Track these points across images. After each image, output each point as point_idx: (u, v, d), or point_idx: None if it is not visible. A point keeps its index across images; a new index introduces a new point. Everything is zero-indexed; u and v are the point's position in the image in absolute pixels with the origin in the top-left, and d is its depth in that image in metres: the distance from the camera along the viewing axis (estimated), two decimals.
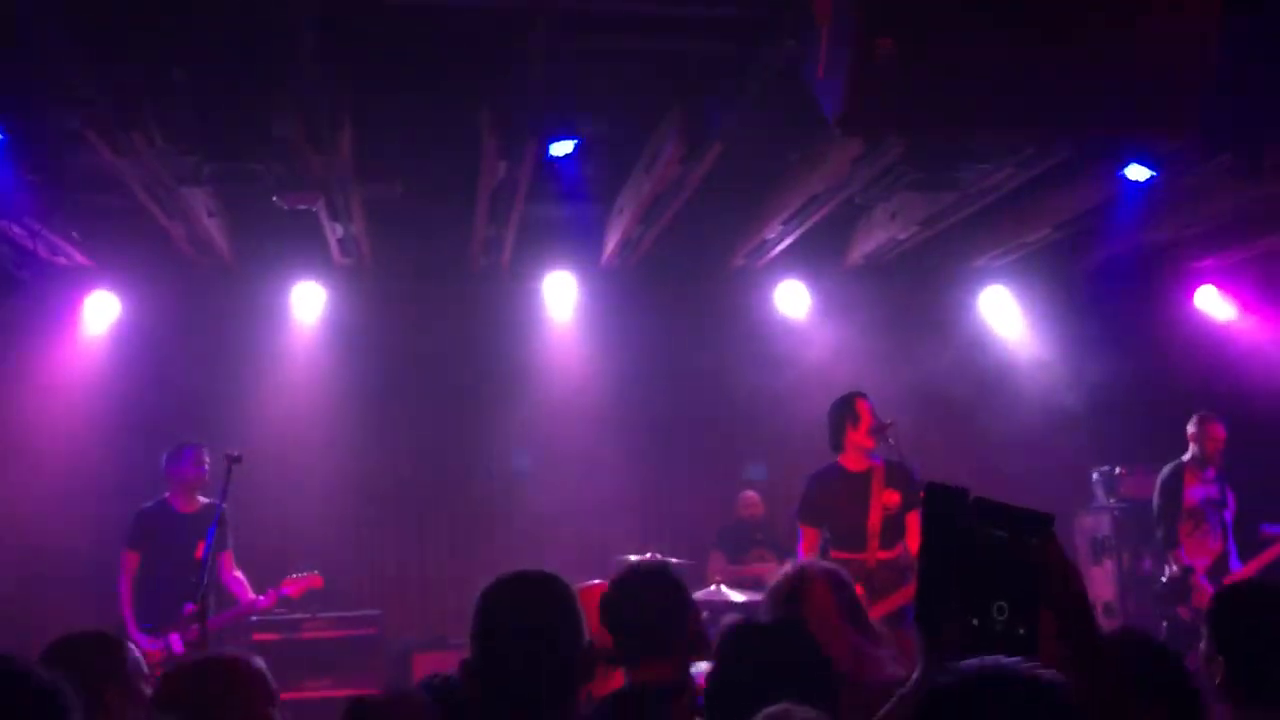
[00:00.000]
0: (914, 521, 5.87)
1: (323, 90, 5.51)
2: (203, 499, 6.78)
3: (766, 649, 2.48)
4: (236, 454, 5.86)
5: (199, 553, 5.58)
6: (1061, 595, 1.56)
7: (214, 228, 7.71)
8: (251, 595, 6.82)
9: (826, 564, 3.50)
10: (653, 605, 2.86)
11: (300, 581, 6.86)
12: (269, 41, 5.04)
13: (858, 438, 5.98)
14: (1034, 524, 1.55)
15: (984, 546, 1.53)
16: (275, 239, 8.24)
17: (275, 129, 5.58)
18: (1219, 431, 7.25)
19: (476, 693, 2.18)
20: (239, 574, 6.96)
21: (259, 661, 2.57)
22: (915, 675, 1.84)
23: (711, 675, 2.52)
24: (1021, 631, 1.50)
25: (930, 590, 1.58)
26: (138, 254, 8.24)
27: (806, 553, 5.95)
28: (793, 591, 3.06)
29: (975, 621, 1.51)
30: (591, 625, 2.91)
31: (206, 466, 6.73)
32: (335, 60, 5.36)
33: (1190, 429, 7.34)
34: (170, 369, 8.44)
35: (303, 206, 6.64)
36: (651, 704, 2.48)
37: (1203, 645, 2.83)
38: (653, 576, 3.01)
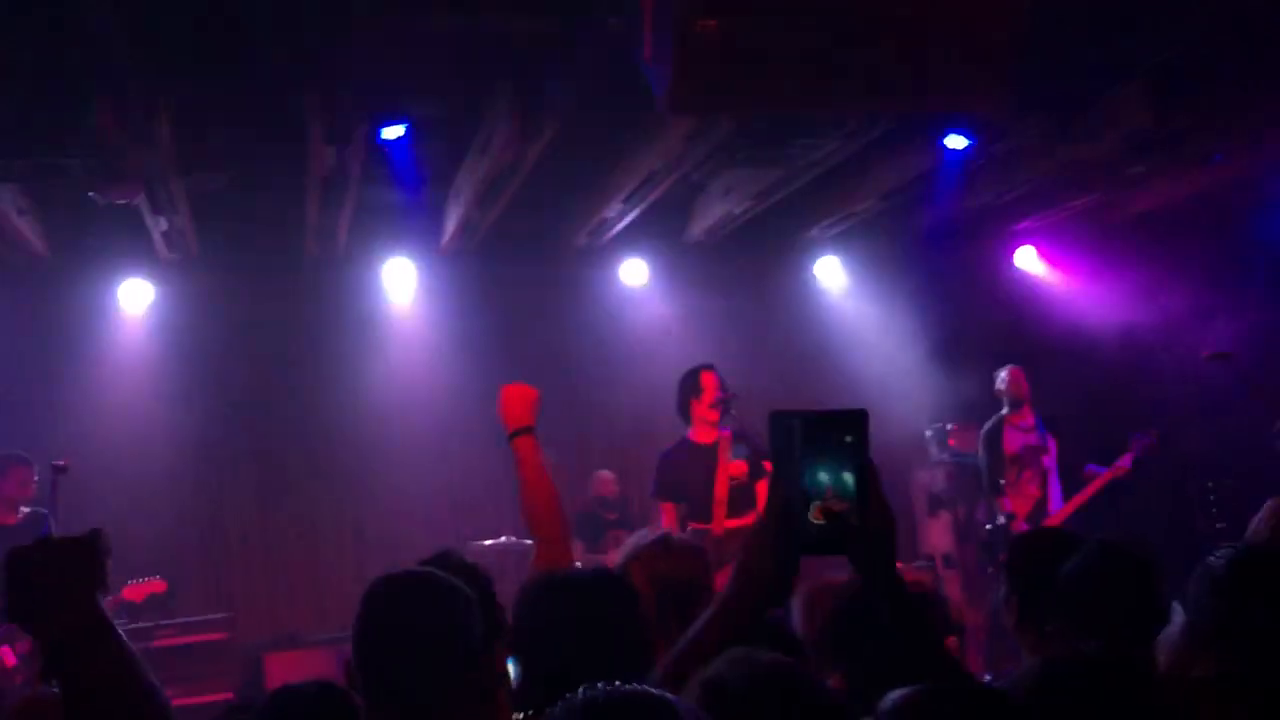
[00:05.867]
0: (763, 490, 6.00)
1: (135, 78, 5.28)
2: (24, 509, 6.46)
3: (565, 599, 2.35)
4: (63, 463, 5.62)
5: None
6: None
7: (26, 225, 7.33)
8: None
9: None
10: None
11: (142, 587, 6.63)
12: (74, 27, 4.81)
13: (702, 410, 6.11)
14: (849, 421, 1.66)
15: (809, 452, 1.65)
16: (96, 235, 7.87)
17: (86, 120, 5.34)
18: (1019, 374, 7.67)
19: (362, 697, 2.10)
20: None
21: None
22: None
23: (514, 630, 2.39)
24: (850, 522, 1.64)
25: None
26: None
27: (668, 525, 6.03)
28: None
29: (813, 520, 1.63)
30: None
31: (33, 487, 6.41)
32: (146, 46, 5.14)
33: (997, 385, 7.73)
34: None
35: (122, 201, 6.37)
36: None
37: (1001, 589, 2.94)
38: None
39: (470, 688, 2.02)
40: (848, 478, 1.63)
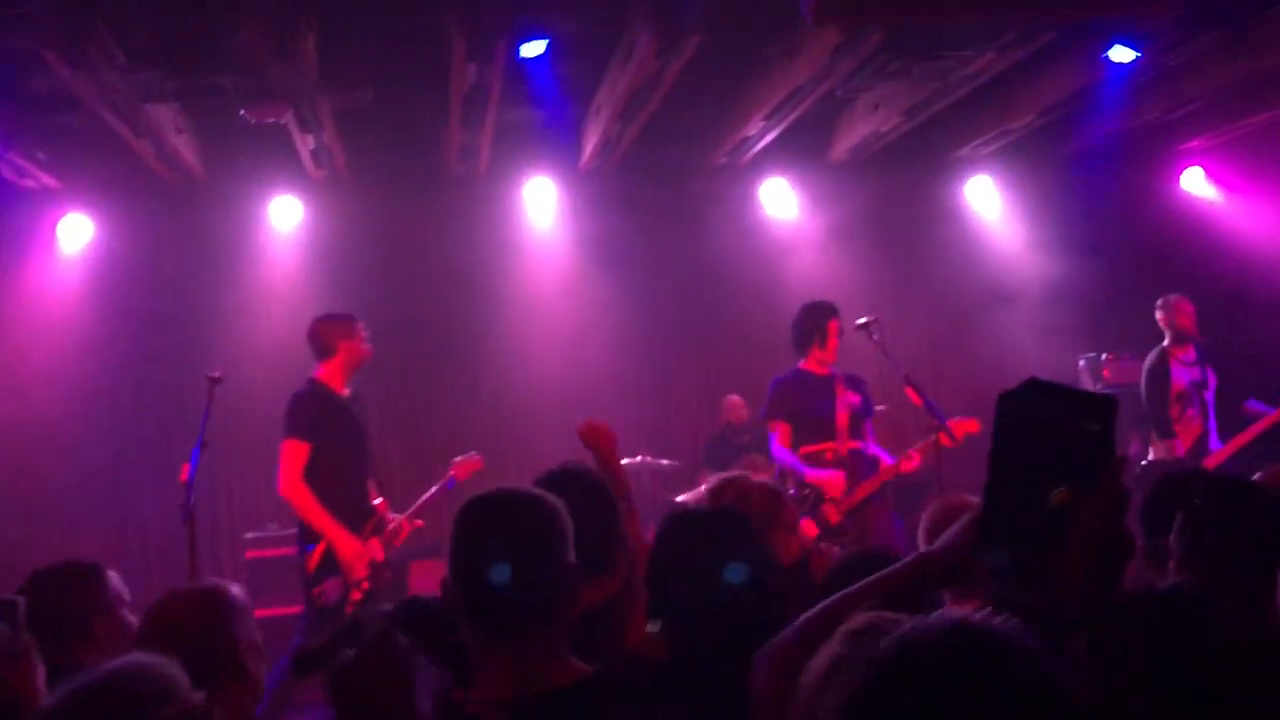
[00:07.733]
0: (869, 427, 6.29)
1: None
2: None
3: (701, 534, 2.51)
4: (217, 374, 5.78)
5: (184, 475, 5.41)
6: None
7: (183, 144, 7.55)
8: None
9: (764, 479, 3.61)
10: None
11: (465, 464, 6.43)
12: None
13: (822, 354, 6.25)
14: (1095, 407, 1.36)
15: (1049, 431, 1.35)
16: (248, 153, 8.07)
17: (235, 39, 5.42)
18: (1186, 305, 7.19)
19: (459, 616, 2.14)
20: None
21: (238, 590, 2.57)
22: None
23: (649, 563, 2.53)
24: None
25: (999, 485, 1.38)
26: (108, 174, 8.09)
27: (783, 444, 6.20)
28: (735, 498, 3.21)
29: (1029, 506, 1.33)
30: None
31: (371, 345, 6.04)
32: None
33: (1159, 315, 7.28)
34: (148, 289, 8.35)
35: (271, 119, 6.48)
36: (600, 620, 2.46)
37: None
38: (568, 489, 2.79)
39: (562, 603, 2.06)
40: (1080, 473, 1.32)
